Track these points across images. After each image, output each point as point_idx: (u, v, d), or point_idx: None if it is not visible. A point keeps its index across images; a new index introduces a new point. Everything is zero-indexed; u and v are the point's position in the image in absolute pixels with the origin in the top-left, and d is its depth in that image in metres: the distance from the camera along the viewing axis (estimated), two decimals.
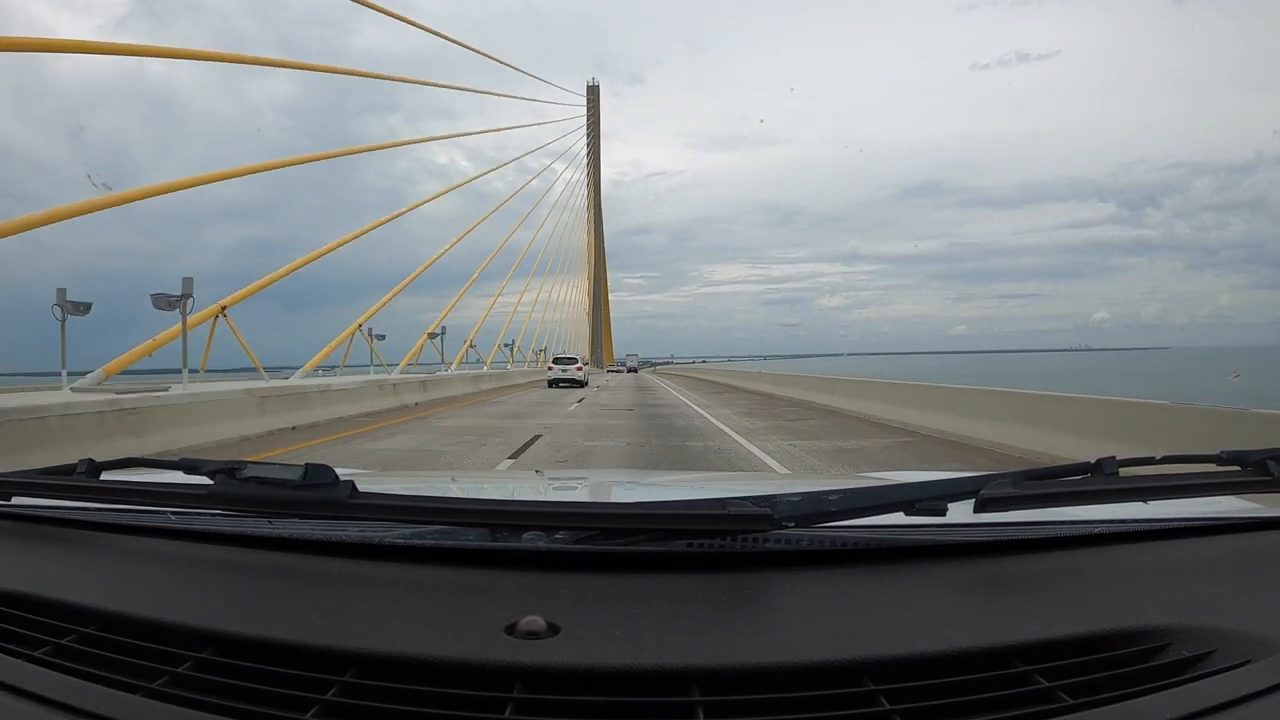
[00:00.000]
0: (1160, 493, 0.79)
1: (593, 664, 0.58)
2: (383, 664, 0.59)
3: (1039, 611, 0.68)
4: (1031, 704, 0.55)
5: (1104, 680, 0.57)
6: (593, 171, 75.79)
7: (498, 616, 0.64)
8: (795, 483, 2.10)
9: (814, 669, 0.58)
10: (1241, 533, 0.90)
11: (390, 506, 0.76)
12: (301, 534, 0.82)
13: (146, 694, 0.57)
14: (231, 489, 0.76)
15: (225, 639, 0.63)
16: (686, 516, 0.74)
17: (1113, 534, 0.84)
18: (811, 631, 0.63)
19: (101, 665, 0.61)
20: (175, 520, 0.87)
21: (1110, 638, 0.62)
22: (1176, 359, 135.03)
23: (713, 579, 0.73)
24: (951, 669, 0.58)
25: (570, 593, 0.70)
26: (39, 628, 0.67)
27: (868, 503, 0.74)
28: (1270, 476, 0.75)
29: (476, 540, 0.77)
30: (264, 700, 0.56)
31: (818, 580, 0.74)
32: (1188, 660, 0.59)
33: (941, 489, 0.74)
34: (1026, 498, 0.74)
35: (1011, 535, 0.81)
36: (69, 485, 0.89)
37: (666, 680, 0.57)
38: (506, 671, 0.58)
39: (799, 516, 0.71)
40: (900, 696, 0.56)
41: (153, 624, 0.66)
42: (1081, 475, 0.78)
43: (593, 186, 75.83)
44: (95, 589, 0.73)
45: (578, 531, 0.76)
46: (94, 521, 0.90)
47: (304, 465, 0.75)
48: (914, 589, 0.72)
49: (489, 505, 0.79)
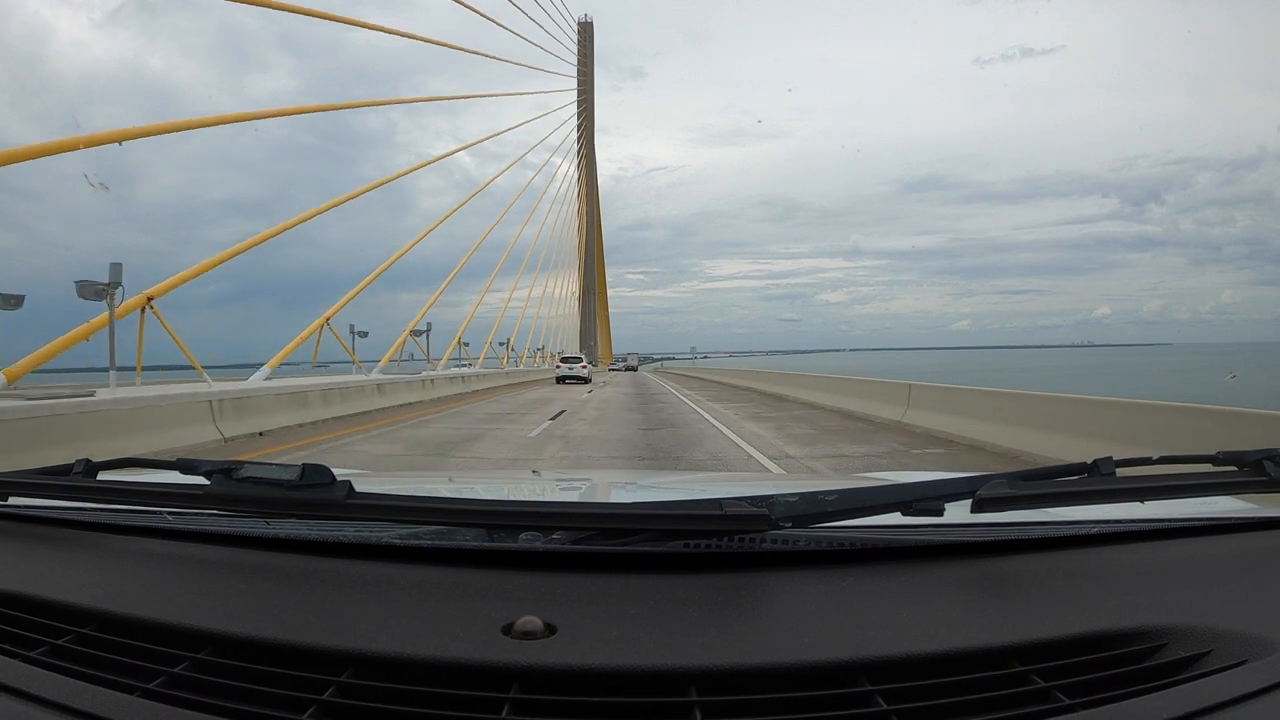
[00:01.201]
0: (1157, 493, 0.79)
1: (589, 664, 0.58)
2: (380, 664, 0.59)
3: (1036, 612, 0.68)
4: (1028, 704, 0.55)
5: (1101, 680, 0.57)
6: (585, 132, 61.07)
7: (495, 617, 0.64)
8: (792, 483, 2.09)
9: (811, 669, 0.58)
10: (1238, 533, 0.90)
11: (387, 507, 0.76)
12: (298, 534, 0.82)
13: (143, 694, 0.57)
14: (228, 489, 0.76)
15: (222, 639, 0.63)
16: (684, 517, 0.74)
17: (1109, 534, 0.84)
18: (809, 632, 0.63)
19: (98, 666, 0.61)
20: (172, 520, 0.87)
21: (1107, 638, 0.62)
22: (1179, 355, 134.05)
23: (710, 579, 0.73)
24: (948, 669, 0.58)
25: (567, 593, 0.70)
26: (36, 628, 0.67)
27: (865, 503, 0.74)
28: (1267, 477, 0.75)
29: (473, 540, 0.77)
30: (261, 701, 0.56)
31: (815, 580, 0.74)
32: (1184, 660, 0.59)
33: (938, 489, 0.74)
34: (1023, 498, 0.74)
35: (1008, 535, 0.81)
36: (66, 485, 0.88)
37: (663, 680, 0.57)
38: (503, 672, 0.58)
39: (796, 517, 0.71)
40: (897, 697, 0.56)
41: (149, 624, 0.66)
42: (1078, 475, 0.78)
43: (586, 147, 61.53)
44: (92, 589, 0.73)
45: (575, 532, 0.76)
46: (91, 522, 0.90)
47: (301, 465, 0.74)
48: (911, 589, 0.72)
49: (486, 505, 0.78)
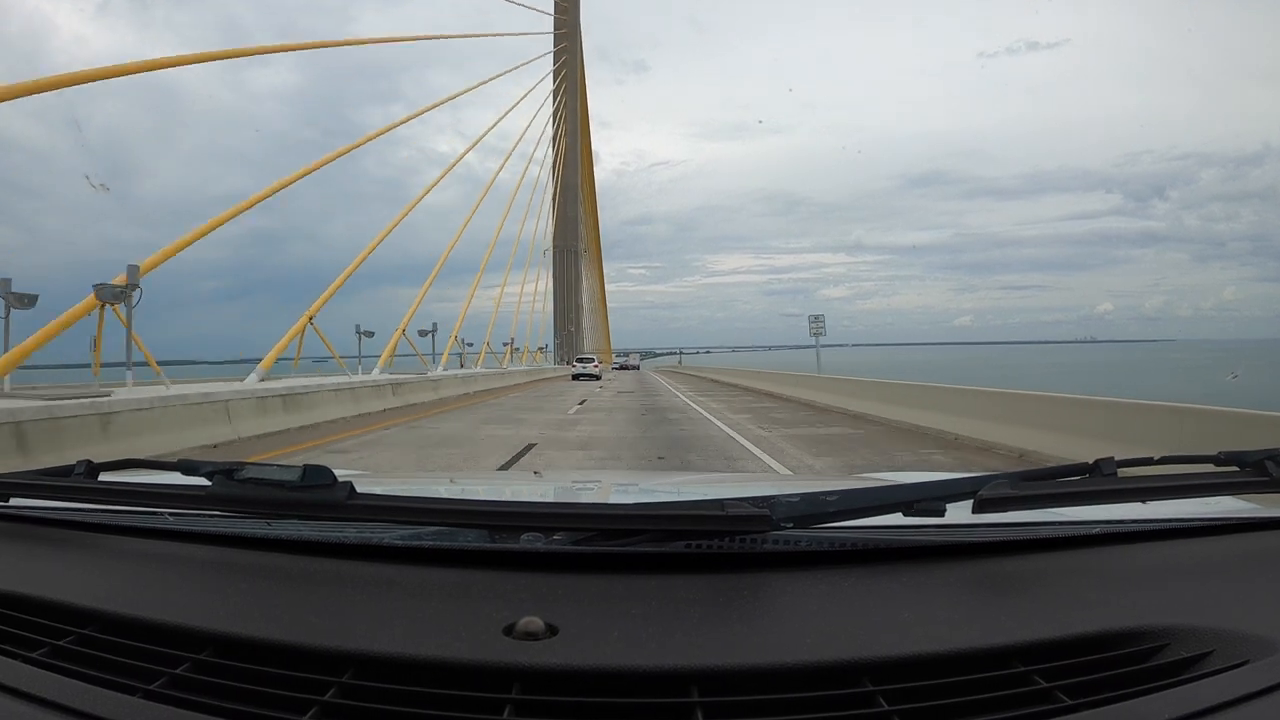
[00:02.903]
0: (1158, 493, 0.79)
1: (591, 665, 0.58)
2: (381, 665, 0.59)
3: (1038, 612, 0.68)
4: (1030, 704, 0.55)
5: (1103, 680, 0.57)
6: (569, 80, 49.18)
7: (496, 617, 0.64)
8: (794, 483, 2.10)
9: (813, 670, 0.58)
10: (1240, 533, 0.90)
11: (388, 508, 0.76)
12: (300, 535, 0.82)
13: (144, 695, 0.57)
14: (230, 490, 0.76)
15: (223, 640, 0.63)
16: (685, 517, 0.74)
17: (1111, 534, 0.84)
18: (810, 632, 0.63)
19: (99, 666, 0.61)
20: (173, 521, 0.87)
21: (1109, 638, 0.62)
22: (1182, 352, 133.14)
23: (711, 580, 0.73)
24: (950, 669, 0.58)
25: (569, 594, 0.70)
26: (37, 629, 0.67)
27: (866, 503, 0.74)
28: (1268, 477, 0.75)
29: (475, 541, 0.77)
30: (262, 702, 0.56)
31: (816, 581, 0.74)
32: (1186, 660, 0.59)
33: (940, 489, 0.74)
34: (1025, 498, 0.74)
35: (1010, 536, 0.81)
36: (67, 486, 0.88)
37: (665, 681, 0.57)
38: (505, 672, 0.58)
39: (797, 517, 0.71)
40: (899, 697, 0.56)
41: (151, 625, 0.66)
42: (1080, 476, 0.78)
43: (566, 99, 49.42)
44: (93, 590, 0.73)
45: (576, 532, 0.75)
46: (92, 523, 0.90)
47: (302, 466, 0.74)
48: (913, 590, 0.72)
49: (487, 506, 0.79)
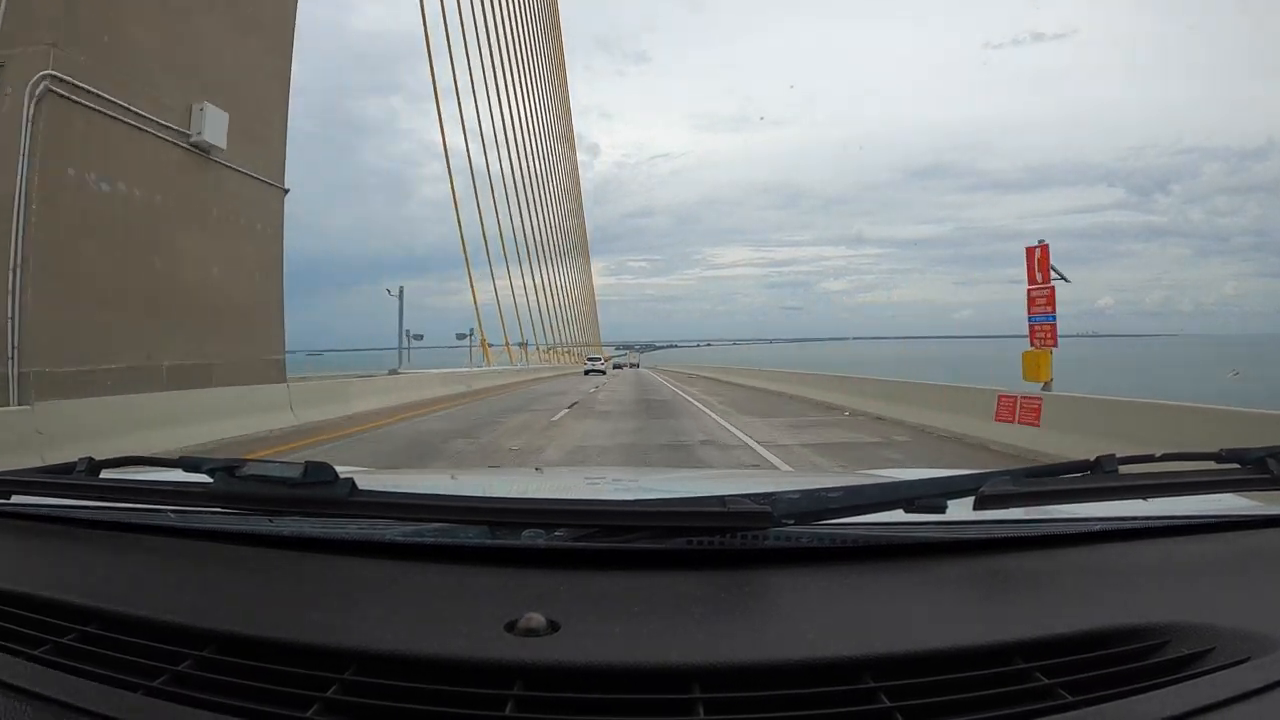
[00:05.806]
0: (1159, 490, 0.79)
1: (593, 661, 0.58)
2: (383, 662, 0.59)
3: (1038, 609, 0.68)
4: (1031, 701, 0.55)
5: (1103, 678, 0.57)
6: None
7: (498, 614, 0.64)
8: (795, 480, 2.10)
9: (814, 666, 0.58)
10: (1240, 530, 0.90)
11: (390, 504, 0.76)
12: (301, 532, 0.82)
13: (147, 692, 0.57)
14: (231, 487, 0.76)
15: (225, 637, 0.63)
16: (686, 514, 0.74)
17: (1112, 531, 0.84)
18: (811, 628, 0.63)
19: (102, 664, 0.61)
20: (175, 519, 0.87)
21: (1110, 635, 0.62)
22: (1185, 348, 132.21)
23: (713, 576, 0.73)
24: (951, 666, 0.58)
25: (570, 590, 0.70)
26: (39, 626, 0.67)
27: (867, 500, 0.74)
28: (1269, 474, 0.75)
29: (476, 538, 0.77)
30: (264, 698, 0.56)
31: (818, 577, 0.74)
32: (1187, 658, 0.59)
33: (941, 486, 0.74)
34: (1026, 495, 0.74)
35: (1011, 533, 0.81)
36: (68, 484, 0.88)
37: (667, 677, 0.57)
38: (506, 669, 0.58)
39: (799, 514, 0.71)
40: (900, 693, 0.56)
41: (153, 623, 0.66)
42: (1081, 473, 0.78)
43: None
44: (95, 588, 0.73)
45: (577, 529, 0.76)
46: (94, 520, 0.90)
47: (304, 463, 0.74)
48: (913, 586, 0.72)
49: (488, 503, 0.78)
